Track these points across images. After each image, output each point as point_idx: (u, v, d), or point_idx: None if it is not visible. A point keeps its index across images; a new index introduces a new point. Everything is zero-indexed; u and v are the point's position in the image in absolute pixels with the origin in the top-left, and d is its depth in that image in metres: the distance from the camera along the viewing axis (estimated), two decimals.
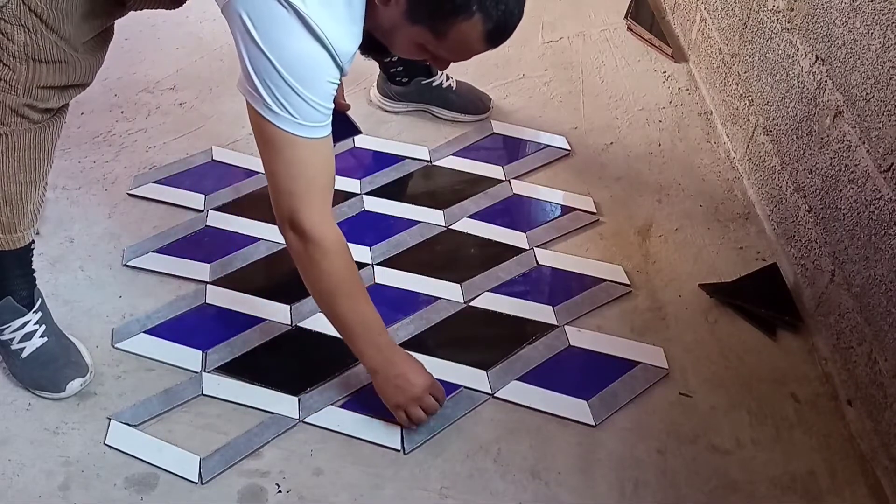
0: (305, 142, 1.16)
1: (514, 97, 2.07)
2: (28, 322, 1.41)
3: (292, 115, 1.13)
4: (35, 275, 1.44)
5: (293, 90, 1.11)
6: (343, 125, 1.61)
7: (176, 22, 2.23)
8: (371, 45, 1.22)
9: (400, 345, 1.50)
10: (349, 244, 1.67)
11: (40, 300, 1.44)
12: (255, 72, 1.11)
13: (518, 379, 1.46)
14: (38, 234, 1.46)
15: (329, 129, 1.20)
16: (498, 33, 1.14)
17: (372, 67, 1.91)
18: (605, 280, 1.64)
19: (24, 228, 1.36)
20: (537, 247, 1.70)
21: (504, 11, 1.11)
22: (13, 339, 1.41)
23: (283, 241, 1.29)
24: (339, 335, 1.51)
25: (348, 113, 1.60)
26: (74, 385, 1.39)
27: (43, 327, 1.42)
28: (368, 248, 1.68)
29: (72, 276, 1.61)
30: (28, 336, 1.41)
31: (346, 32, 1.12)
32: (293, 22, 1.07)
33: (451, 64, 1.25)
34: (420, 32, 1.14)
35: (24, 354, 1.40)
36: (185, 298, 1.57)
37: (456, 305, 1.58)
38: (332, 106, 1.18)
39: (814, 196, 1.54)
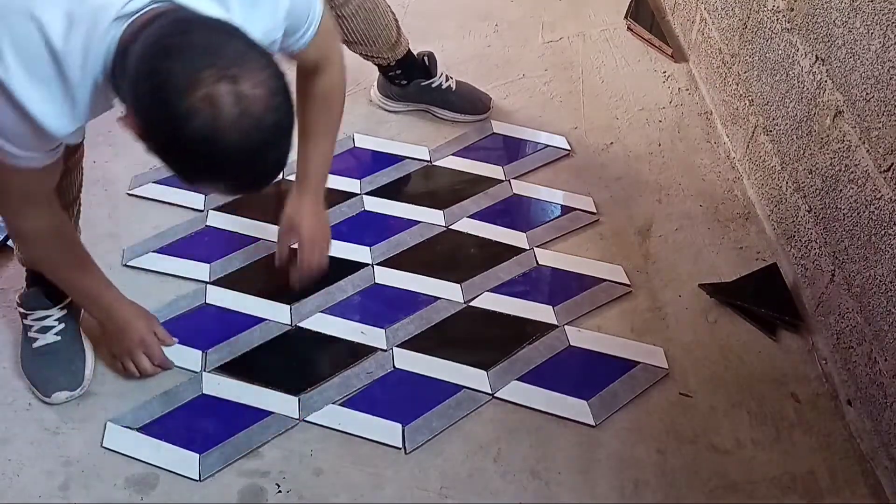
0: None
1: (514, 97, 2.07)
2: (49, 317, 1.44)
3: None
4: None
5: None
6: None
7: None
8: None
9: (399, 345, 1.50)
10: (349, 244, 1.68)
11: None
12: None
13: (518, 379, 1.46)
14: None
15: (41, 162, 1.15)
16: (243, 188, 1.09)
17: (372, 67, 1.91)
18: (604, 280, 1.64)
19: None
20: (537, 247, 1.70)
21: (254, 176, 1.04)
22: (32, 326, 1.44)
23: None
24: (338, 335, 1.53)
25: None
26: (60, 396, 1.40)
27: (61, 326, 1.44)
28: (368, 247, 1.68)
29: None
30: (44, 329, 1.43)
31: (56, 112, 1.06)
32: None
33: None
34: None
35: (35, 345, 1.43)
36: (185, 298, 1.57)
37: (456, 305, 1.58)
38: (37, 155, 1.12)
39: (814, 196, 1.54)
